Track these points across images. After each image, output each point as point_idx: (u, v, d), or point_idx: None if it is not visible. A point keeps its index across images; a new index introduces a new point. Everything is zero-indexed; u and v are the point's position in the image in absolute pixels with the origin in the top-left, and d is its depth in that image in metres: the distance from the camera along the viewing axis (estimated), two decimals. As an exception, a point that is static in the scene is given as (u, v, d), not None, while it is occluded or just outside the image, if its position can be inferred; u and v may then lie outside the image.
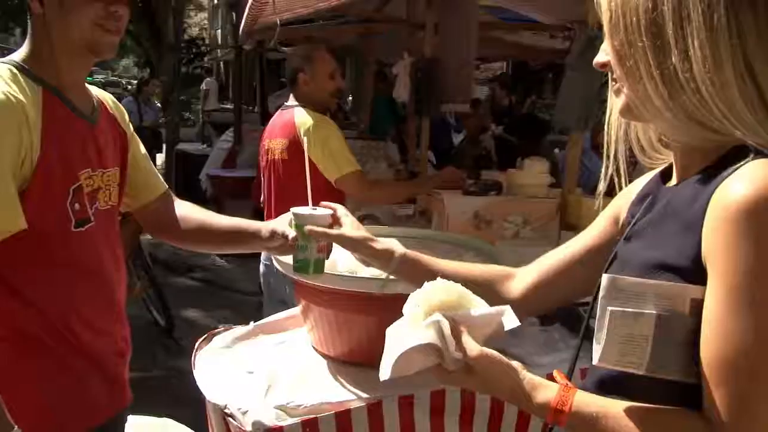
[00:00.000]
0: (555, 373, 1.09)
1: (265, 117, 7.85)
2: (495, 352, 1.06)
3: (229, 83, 21.80)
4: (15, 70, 1.57)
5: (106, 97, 1.86)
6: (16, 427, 1.41)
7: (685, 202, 0.98)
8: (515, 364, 1.07)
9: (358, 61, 9.71)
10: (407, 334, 1.05)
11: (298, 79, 3.32)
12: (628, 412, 0.96)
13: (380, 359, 1.11)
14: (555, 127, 5.15)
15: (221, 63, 24.72)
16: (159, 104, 10.97)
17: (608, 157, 1.18)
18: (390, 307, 1.82)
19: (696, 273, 0.93)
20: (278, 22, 3.95)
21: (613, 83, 1.08)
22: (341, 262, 1.96)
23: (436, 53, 5.18)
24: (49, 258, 1.60)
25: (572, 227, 3.13)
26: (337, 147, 3.15)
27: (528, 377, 1.05)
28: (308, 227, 1.60)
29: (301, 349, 2.13)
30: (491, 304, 1.13)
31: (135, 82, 16.77)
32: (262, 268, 3.42)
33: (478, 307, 1.09)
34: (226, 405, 1.81)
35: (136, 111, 9.11)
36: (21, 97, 1.51)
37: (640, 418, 0.95)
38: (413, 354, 1.03)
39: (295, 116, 3.24)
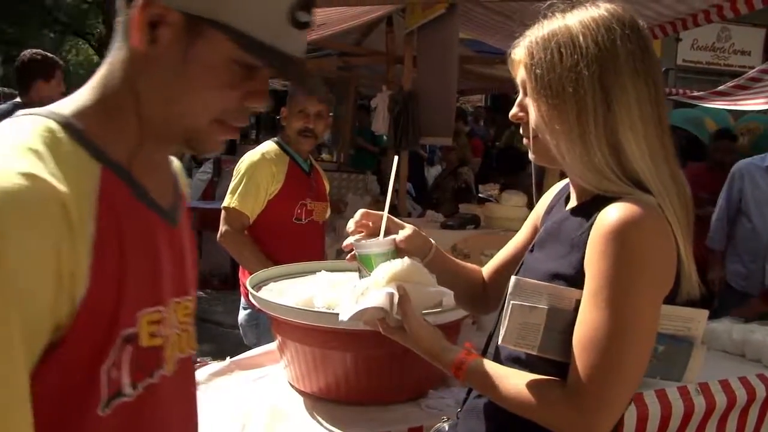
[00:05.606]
0: (465, 345, 1.38)
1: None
2: (424, 320, 1.37)
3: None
4: (61, 132, 0.88)
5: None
6: None
7: (574, 229, 1.29)
8: (438, 332, 1.37)
9: (338, 93, 9.77)
10: (369, 294, 1.34)
11: (281, 113, 3.31)
12: (511, 375, 1.27)
13: (357, 396, 1.49)
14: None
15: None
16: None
17: None
18: (367, 343, 1.83)
19: (579, 280, 1.22)
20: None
21: (525, 131, 1.37)
22: (319, 298, 1.96)
23: (415, 87, 5.23)
24: None
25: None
26: (243, 180, 3.12)
27: (444, 342, 1.36)
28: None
29: (278, 385, 2.12)
30: (473, 293, 1.64)
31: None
32: (240, 315, 3.29)
33: (429, 284, 1.39)
34: (200, 443, 1.79)
35: None
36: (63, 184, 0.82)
37: (516, 379, 1.26)
38: (367, 309, 1.32)
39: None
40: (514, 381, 1.26)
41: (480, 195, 6.93)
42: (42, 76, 4.31)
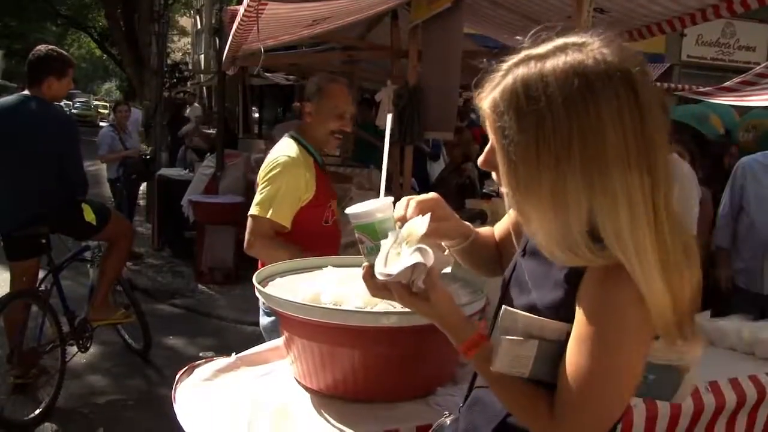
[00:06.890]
0: (479, 325, 1.40)
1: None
2: (447, 291, 1.37)
3: (211, 108, 21.76)
4: None
5: None
6: None
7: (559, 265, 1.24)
8: (457, 304, 1.40)
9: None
10: (405, 251, 1.30)
11: (304, 107, 3.11)
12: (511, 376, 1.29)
13: (364, 393, 1.65)
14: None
15: (204, 88, 24.74)
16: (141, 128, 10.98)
17: None
18: (375, 340, 1.81)
19: (559, 315, 1.24)
20: (262, 49, 3.94)
21: (498, 180, 1.28)
22: (326, 293, 1.93)
23: (419, 81, 5.20)
24: None
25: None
26: (273, 187, 2.91)
27: (462, 317, 1.38)
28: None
29: (284, 381, 2.09)
30: (491, 257, 1.69)
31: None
32: (263, 320, 3.03)
33: (440, 248, 1.42)
34: (206, 440, 1.78)
35: (118, 141, 9.09)
36: None
37: (515, 379, 1.28)
38: (409, 266, 1.28)
39: (277, 145, 3.10)
40: (512, 380, 1.29)
41: (484, 191, 6.91)
42: (55, 74, 4.38)
